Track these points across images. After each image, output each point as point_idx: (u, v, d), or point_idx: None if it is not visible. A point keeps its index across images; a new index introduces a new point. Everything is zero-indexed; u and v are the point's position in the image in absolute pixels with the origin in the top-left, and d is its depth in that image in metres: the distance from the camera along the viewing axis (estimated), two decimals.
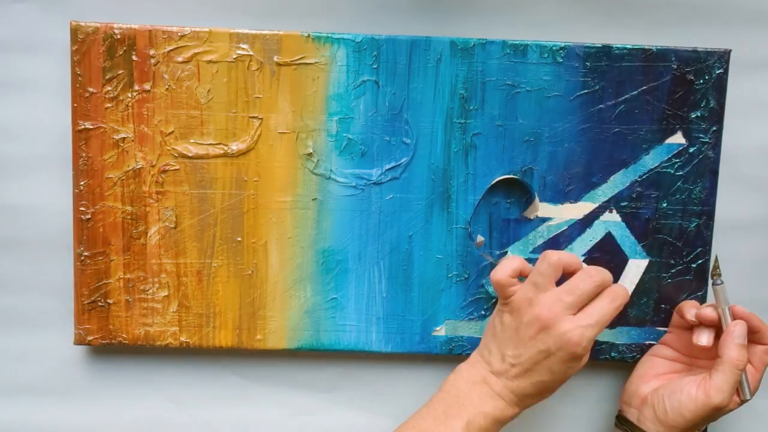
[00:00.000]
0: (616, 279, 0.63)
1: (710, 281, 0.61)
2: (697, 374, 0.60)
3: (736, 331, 0.58)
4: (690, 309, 0.61)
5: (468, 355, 0.64)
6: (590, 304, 0.56)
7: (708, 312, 0.59)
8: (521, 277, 0.58)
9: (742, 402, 0.59)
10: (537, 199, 0.62)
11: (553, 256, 0.56)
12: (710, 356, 0.60)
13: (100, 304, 0.63)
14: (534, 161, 0.63)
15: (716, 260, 0.61)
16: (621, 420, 0.62)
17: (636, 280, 0.63)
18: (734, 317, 0.59)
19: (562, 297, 0.56)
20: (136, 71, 0.62)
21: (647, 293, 0.64)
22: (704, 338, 0.59)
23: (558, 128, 0.63)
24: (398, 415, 0.67)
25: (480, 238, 0.62)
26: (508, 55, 0.62)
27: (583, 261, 0.63)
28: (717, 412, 0.58)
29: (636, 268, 0.63)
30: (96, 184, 0.62)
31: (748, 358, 0.59)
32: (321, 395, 0.67)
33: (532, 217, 0.63)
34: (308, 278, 0.64)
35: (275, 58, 0.62)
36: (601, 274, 0.57)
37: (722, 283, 0.60)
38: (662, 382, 0.61)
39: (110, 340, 0.64)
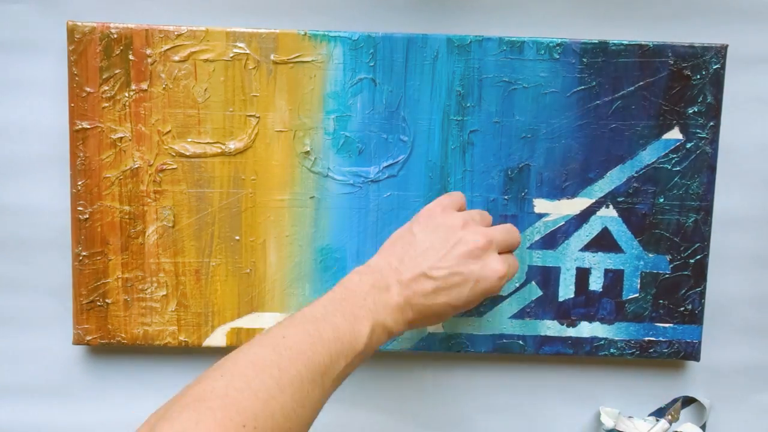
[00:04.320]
0: None
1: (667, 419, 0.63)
2: None
3: None
4: None
5: (467, 352, 0.65)
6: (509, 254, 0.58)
7: None
8: None
9: None
10: None
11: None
12: None
13: (98, 303, 0.63)
14: (531, 157, 0.63)
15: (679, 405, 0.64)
16: None
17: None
18: None
19: (499, 233, 0.56)
20: (133, 71, 0.62)
21: (645, 289, 0.64)
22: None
23: (555, 124, 0.63)
24: (397, 413, 0.67)
25: None
26: (504, 52, 0.62)
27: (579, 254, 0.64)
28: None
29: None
30: (93, 184, 0.63)
31: None
32: None
33: None
34: (306, 276, 0.64)
35: (272, 57, 0.62)
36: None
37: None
38: None
39: (109, 339, 0.64)
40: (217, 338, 0.64)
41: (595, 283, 0.64)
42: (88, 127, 0.62)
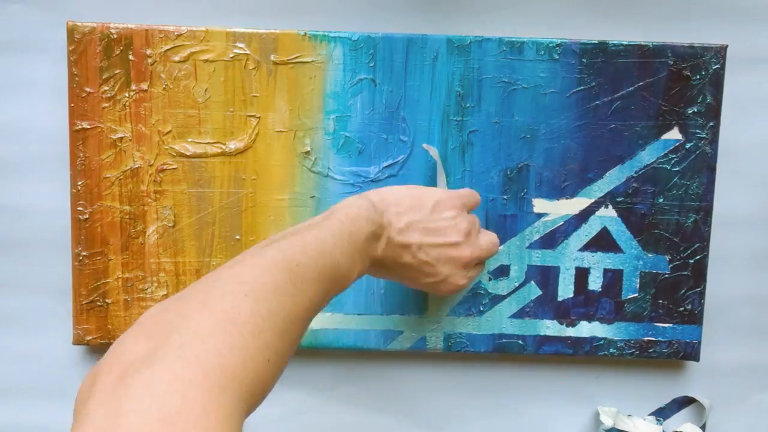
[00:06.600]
0: None
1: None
2: None
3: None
4: None
5: (467, 352, 0.65)
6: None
7: None
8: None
9: None
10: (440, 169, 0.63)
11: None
12: None
13: (98, 303, 0.64)
14: (530, 158, 0.63)
15: None
16: None
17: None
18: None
19: (485, 241, 0.58)
20: (133, 71, 0.62)
21: (645, 289, 0.64)
22: None
23: (554, 125, 0.63)
24: (398, 413, 0.67)
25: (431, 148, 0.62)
26: (504, 53, 0.62)
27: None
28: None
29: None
30: (94, 184, 0.63)
31: None
32: (320, 394, 0.67)
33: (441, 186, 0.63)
34: None
35: (272, 57, 0.62)
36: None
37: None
38: None
39: (109, 339, 0.64)
40: None
41: (595, 283, 0.64)
42: (88, 127, 0.62)
